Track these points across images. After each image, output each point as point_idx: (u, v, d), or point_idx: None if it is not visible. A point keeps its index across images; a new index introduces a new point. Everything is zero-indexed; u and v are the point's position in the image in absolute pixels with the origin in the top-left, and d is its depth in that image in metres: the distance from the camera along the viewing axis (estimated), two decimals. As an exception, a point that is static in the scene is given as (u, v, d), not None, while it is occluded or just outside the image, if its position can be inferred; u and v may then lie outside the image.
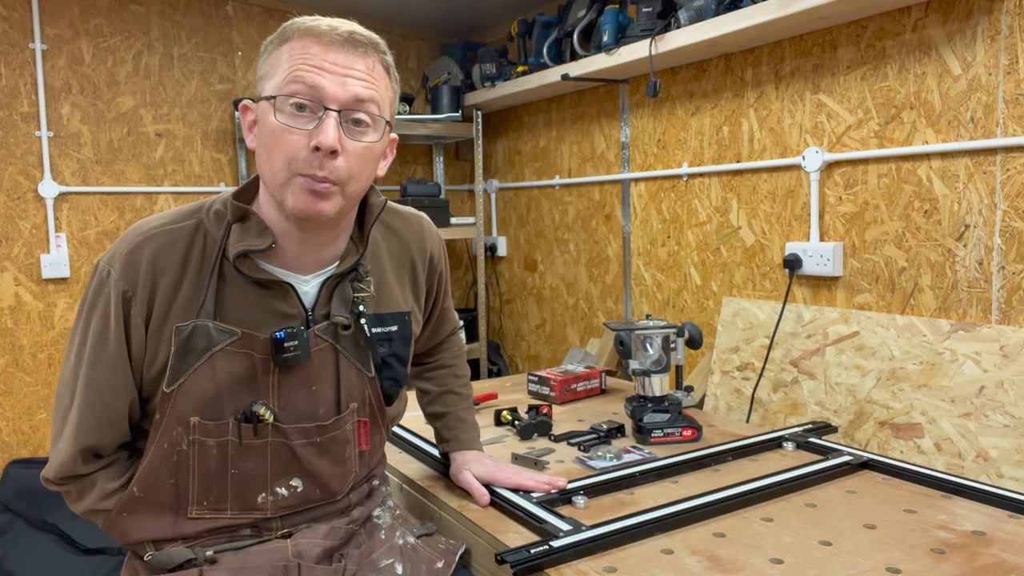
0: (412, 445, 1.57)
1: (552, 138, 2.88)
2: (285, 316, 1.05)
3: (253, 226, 1.02)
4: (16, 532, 2.34)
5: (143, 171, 2.69)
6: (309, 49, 0.96)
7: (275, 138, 0.96)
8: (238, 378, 1.03)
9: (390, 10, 2.95)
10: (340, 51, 0.97)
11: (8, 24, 2.45)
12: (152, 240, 1.02)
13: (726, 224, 2.15)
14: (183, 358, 1.00)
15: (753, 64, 2.05)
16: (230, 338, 1.02)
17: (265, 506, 1.07)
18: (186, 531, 1.04)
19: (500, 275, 3.28)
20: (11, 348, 2.50)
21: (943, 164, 1.64)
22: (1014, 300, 1.53)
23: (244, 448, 1.04)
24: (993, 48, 1.54)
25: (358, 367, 1.11)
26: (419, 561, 1.14)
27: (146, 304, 1.00)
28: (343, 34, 0.98)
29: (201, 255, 1.03)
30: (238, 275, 1.03)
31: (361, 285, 1.10)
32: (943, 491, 1.27)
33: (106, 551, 2.34)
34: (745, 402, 1.98)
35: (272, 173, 0.98)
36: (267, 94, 0.98)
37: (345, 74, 0.97)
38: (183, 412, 1.01)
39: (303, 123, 0.95)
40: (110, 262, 1.01)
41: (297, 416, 1.07)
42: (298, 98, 0.95)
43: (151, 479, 1.03)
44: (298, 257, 1.06)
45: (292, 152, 0.95)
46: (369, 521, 1.19)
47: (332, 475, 1.11)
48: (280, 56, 0.98)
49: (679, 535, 1.12)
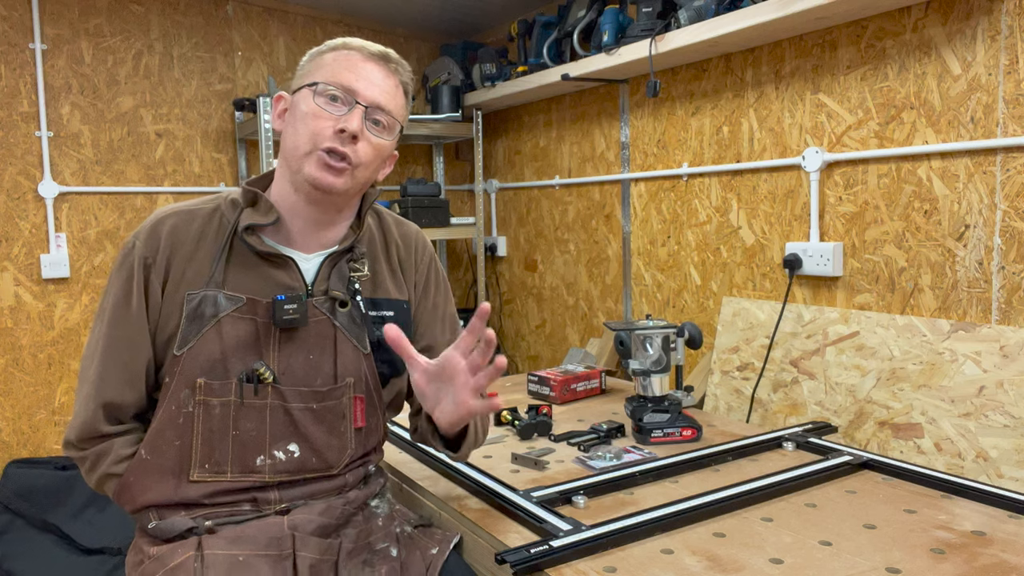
0: (412, 445, 1.57)
1: (552, 138, 2.88)
2: (287, 288, 1.16)
3: (261, 207, 1.16)
4: (16, 532, 2.34)
5: (143, 171, 2.69)
6: (351, 57, 1.15)
7: (306, 119, 1.12)
8: (242, 341, 1.13)
9: (390, 10, 2.95)
10: (375, 64, 1.16)
11: (8, 24, 2.45)
12: (173, 216, 1.16)
13: (726, 224, 2.15)
14: (192, 323, 1.11)
15: (753, 64, 2.05)
16: (236, 304, 1.13)
17: (263, 469, 1.14)
18: (188, 495, 1.11)
19: (500, 275, 3.28)
20: (11, 348, 2.50)
21: (943, 164, 1.64)
22: (1014, 300, 1.53)
23: (245, 408, 1.12)
24: (993, 48, 1.54)
25: (354, 343, 1.19)
26: (414, 547, 1.19)
27: (164, 271, 1.13)
28: (380, 51, 1.17)
29: (215, 233, 1.16)
30: (246, 252, 1.15)
31: (356, 265, 1.21)
32: (943, 491, 1.27)
33: (106, 551, 2.34)
34: (745, 402, 1.98)
35: (295, 146, 1.13)
36: (307, 81, 1.14)
37: (374, 84, 1.14)
38: (191, 374, 1.11)
39: (334, 110, 1.12)
40: (136, 235, 1.15)
41: (295, 381, 1.15)
42: (335, 90, 1.12)
43: (157, 441, 1.11)
44: (302, 234, 1.18)
45: (319, 129, 1.11)
46: (367, 508, 1.24)
47: (327, 445, 1.17)
48: (324, 60, 1.16)
49: (679, 535, 1.13)
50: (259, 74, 2.91)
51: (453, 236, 2.96)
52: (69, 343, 2.59)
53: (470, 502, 1.28)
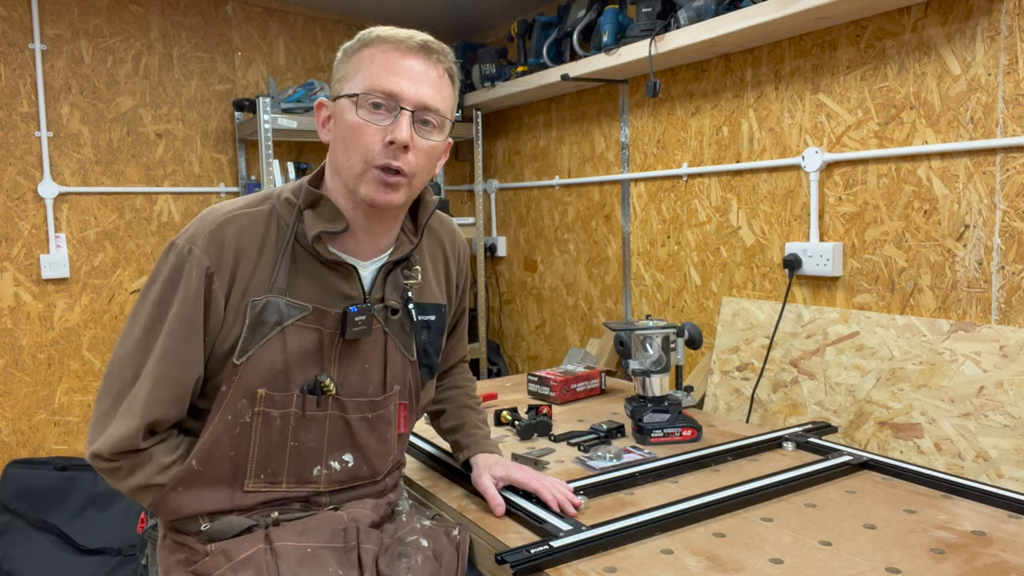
0: (412, 445, 1.57)
1: (552, 138, 2.88)
2: (347, 297, 1.13)
3: (327, 211, 1.10)
4: (16, 532, 2.34)
5: (143, 171, 2.69)
6: (389, 54, 1.07)
7: (353, 132, 1.06)
8: (306, 352, 1.10)
9: (390, 10, 2.95)
10: (416, 57, 1.07)
11: (8, 24, 2.45)
12: (234, 221, 1.08)
13: (726, 224, 2.15)
14: (254, 331, 1.06)
15: (753, 64, 2.05)
16: (301, 313, 1.09)
17: (319, 479, 1.14)
18: (242, 503, 1.10)
19: (500, 275, 3.28)
20: (11, 348, 2.50)
21: (943, 164, 1.64)
22: (1014, 300, 1.53)
23: (306, 420, 1.11)
24: (993, 48, 1.54)
25: (402, 351, 1.19)
26: (439, 535, 1.20)
27: (228, 280, 1.06)
28: (420, 42, 1.08)
29: (276, 236, 1.10)
30: (307, 256, 1.11)
31: (410, 273, 1.19)
32: (943, 491, 1.27)
33: (106, 551, 2.34)
34: (745, 402, 1.98)
35: (349, 165, 1.07)
36: (346, 92, 1.07)
37: (419, 80, 1.07)
38: (250, 384, 1.07)
39: (379, 119, 1.05)
40: (191, 240, 1.06)
41: (352, 391, 1.14)
42: (377, 98, 1.05)
43: (212, 452, 1.07)
44: (360, 243, 1.14)
45: (368, 146, 1.05)
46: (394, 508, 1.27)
47: (377, 453, 1.18)
48: (361, 60, 1.08)
49: (679, 535, 1.12)
50: (259, 74, 2.91)
51: (453, 236, 2.95)
52: (69, 343, 2.59)
53: (470, 502, 1.28)
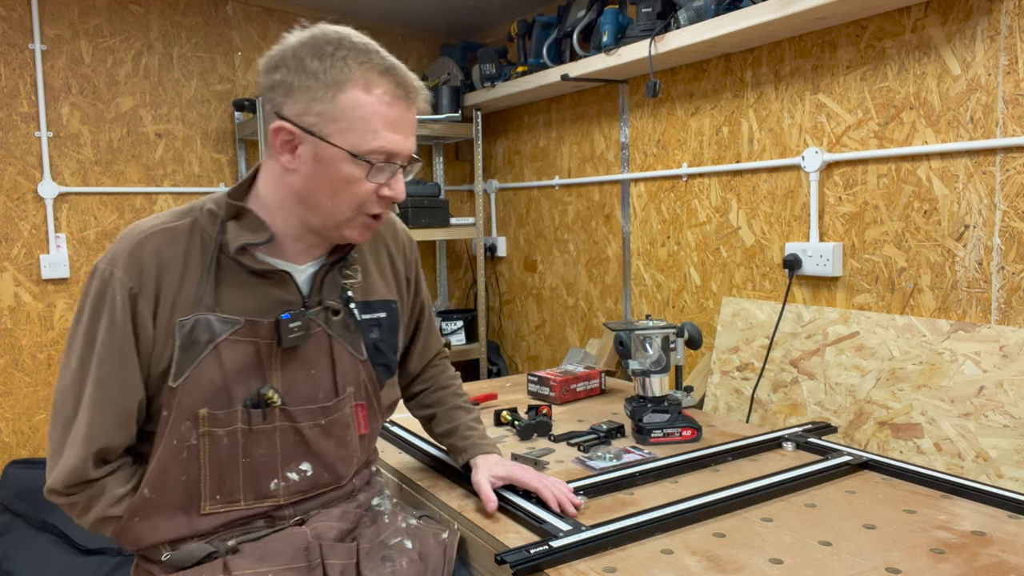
0: (412, 445, 1.57)
1: (552, 138, 2.88)
2: (285, 303, 1.10)
3: (249, 222, 1.07)
4: (16, 532, 2.34)
5: (143, 171, 2.69)
6: (395, 105, 1.02)
7: (348, 187, 1.03)
8: (244, 365, 1.06)
9: (390, 10, 2.95)
10: (408, 108, 1.04)
11: (8, 24, 2.45)
12: (153, 238, 1.04)
13: (726, 224, 2.15)
14: (187, 351, 1.03)
15: (753, 64, 2.05)
16: (233, 327, 1.05)
17: (277, 492, 1.10)
18: (201, 528, 1.06)
19: (500, 275, 3.28)
20: (11, 348, 2.50)
21: (943, 164, 1.64)
22: (1014, 300, 1.53)
23: (255, 434, 1.07)
24: (993, 48, 1.54)
25: (350, 351, 1.16)
26: (426, 536, 1.19)
27: (153, 300, 1.03)
28: (416, 87, 1.05)
29: (199, 251, 1.06)
30: (236, 268, 1.07)
31: (348, 272, 1.17)
32: (943, 491, 1.27)
33: (106, 551, 2.34)
34: (745, 402, 1.98)
35: (336, 211, 1.05)
36: (345, 147, 1.00)
37: (411, 132, 1.06)
38: (191, 405, 1.03)
39: (376, 176, 1.03)
40: (111, 263, 1.03)
41: (300, 399, 1.11)
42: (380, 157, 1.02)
43: (162, 478, 1.04)
44: (296, 251, 1.12)
45: (364, 199, 1.04)
46: (371, 509, 1.25)
47: (338, 458, 1.15)
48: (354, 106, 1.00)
49: (679, 535, 1.12)
50: (259, 74, 2.90)
51: (453, 236, 2.95)
52: (69, 343, 2.59)
53: (470, 502, 1.28)
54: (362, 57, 1.01)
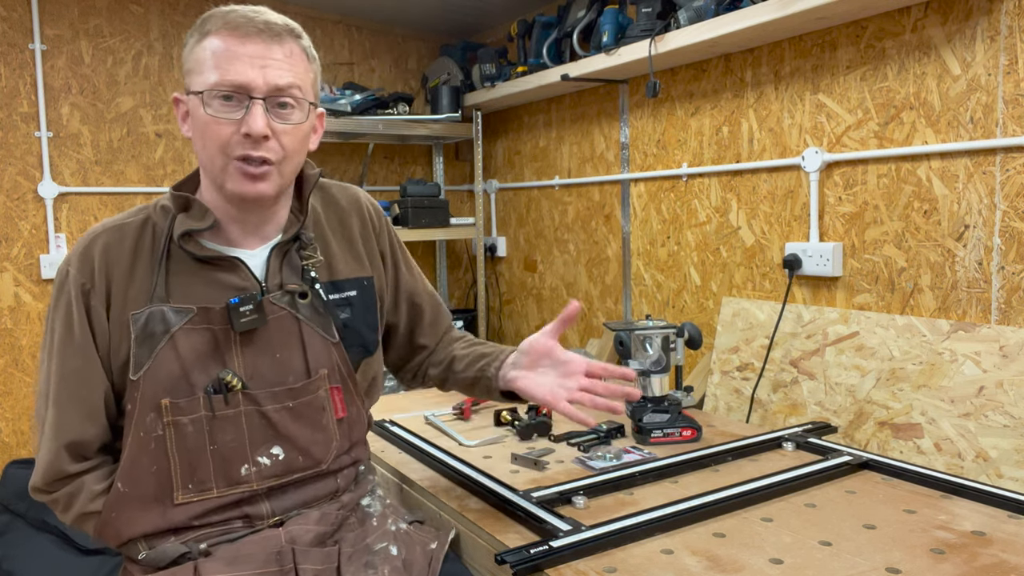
0: (412, 445, 1.57)
1: (552, 138, 2.88)
2: (239, 289, 1.10)
3: (195, 211, 1.09)
4: (16, 532, 2.34)
5: (143, 171, 2.69)
6: (229, 42, 1.02)
7: (207, 129, 1.03)
8: (202, 352, 1.07)
9: (390, 10, 2.95)
10: (257, 41, 1.03)
11: (8, 24, 2.45)
12: (103, 236, 1.09)
13: (726, 224, 2.15)
14: (143, 344, 1.05)
15: (753, 64, 2.05)
16: (187, 316, 1.06)
17: (250, 478, 1.09)
18: (176, 519, 1.06)
19: (500, 275, 3.28)
20: (11, 348, 2.50)
21: (943, 164, 1.64)
22: (1014, 300, 1.53)
23: (219, 420, 1.07)
24: (993, 48, 1.54)
25: (321, 334, 1.15)
26: (413, 544, 1.17)
27: (104, 294, 1.06)
28: (259, 24, 1.03)
29: (151, 245, 1.09)
30: (187, 258, 1.09)
31: (307, 252, 1.16)
32: (943, 491, 1.27)
33: (106, 551, 2.34)
34: (745, 402, 1.98)
35: (210, 160, 1.05)
36: (194, 89, 1.04)
37: (264, 64, 1.02)
38: (153, 396, 1.05)
39: (231, 112, 1.02)
40: (67, 262, 1.08)
41: (266, 383, 1.10)
42: (223, 90, 1.01)
43: (132, 471, 1.05)
44: (242, 234, 1.12)
45: (224, 139, 1.03)
46: (359, 509, 1.21)
47: (312, 441, 1.13)
48: (202, 51, 1.04)
49: (679, 535, 1.12)
50: (259, 74, 2.90)
51: (453, 236, 2.96)
52: (69, 343, 2.59)
53: (470, 502, 1.28)
54: (216, 13, 1.04)
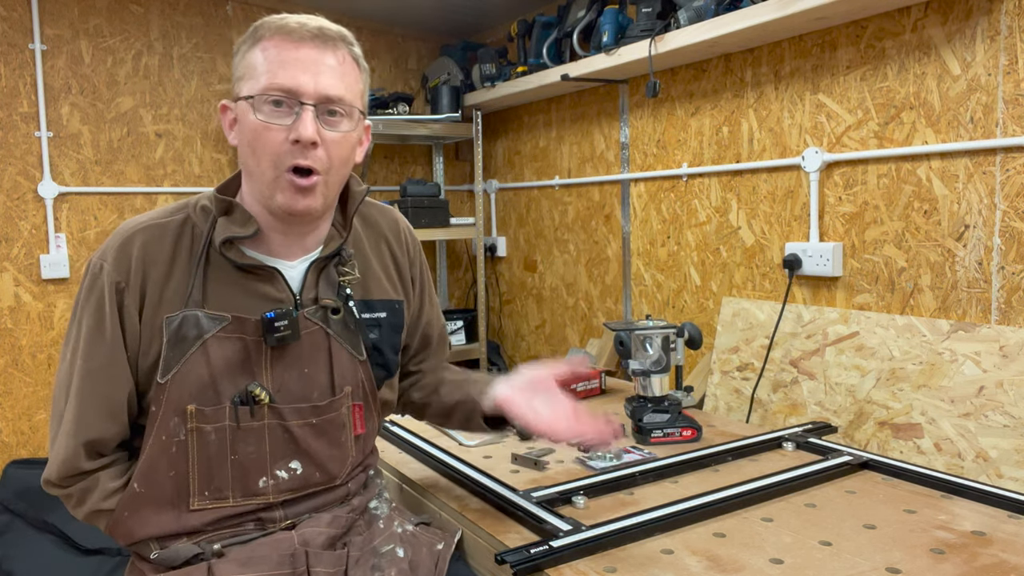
0: (412, 445, 1.57)
1: (552, 138, 2.88)
2: (274, 300, 1.08)
3: (238, 216, 1.07)
4: (16, 532, 2.34)
5: (143, 171, 2.69)
6: (282, 47, 1.01)
7: (256, 136, 1.01)
8: (232, 362, 1.06)
9: (390, 10, 2.95)
10: (311, 47, 1.01)
11: (8, 24, 2.45)
12: (141, 233, 1.06)
13: (726, 224, 2.15)
14: (175, 347, 1.03)
15: (753, 64, 2.05)
16: (221, 324, 1.05)
17: (267, 490, 1.08)
18: (190, 524, 1.06)
19: (500, 275, 3.28)
20: (11, 348, 2.50)
21: (943, 164, 1.64)
22: (1014, 300, 1.53)
23: (242, 431, 1.06)
24: (993, 48, 1.54)
25: (349, 351, 1.14)
26: (419, 545, 1.17)
27: (139, 294, 1.04)
28: (313, 30, 1.02)
29: (189, 247, 1.07)
30: (226, 264, 1.07)
31: (345, 269, 1.15)
32: (943, 491, 1.27)
33: (106, 551, 2.34)
34: (745, 402, 1.98)
35: (260, 171, 1.03)
36: (244, 94, 1.02)
37: (317, 70, 1.01)
38: (179, 401, 1.03)
39: (281, 118, 1.00)
40: (102, 257, 1.05)
41: (292, 397, 1.09)
42: (275, 95, 1.00)
43: (151, 473, 1.04)
44: (283, 244, 1.10)
45: (275, 147, 1.01)
46: (367, 512, 1.21)
47: (330, 457, 1.13)
48: (255, 56, 1.02)
49: (679, 535, 1.12)
50: (259, 74, 2.90)
51: (453, 236, 2.95)
52: (69, 343, 2.59)
53: (470, 502, 1.28)
54: (268, 21, 1.03)
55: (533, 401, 1.16)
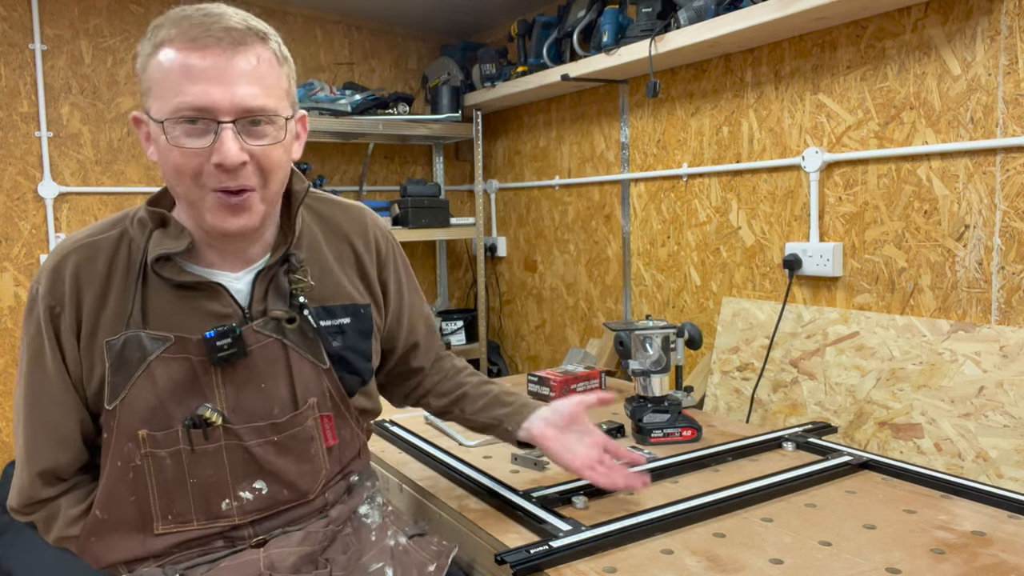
0: (412, 445, 1.57)
1: (552, 138, 2.88)
2: (221, 316, 1.02)
3: (172, 230, 1.01)
4: (16, 532, 2.33)
5: (143, 171, 2.69)
6: (186, 55, 0.89)
7: (173, 160, 0.92)
8: (179, 384, 1.00)
9: (390, 10, 2.95)
10: (217, 52, 0.90)
11: (8, 24, 2.45)
12: (75, 253, 1.00)
13: (726, 224, 2.15)
14: (118, 372, 0.98)
15: (753, 64, 2.05)
16: (164, 344, 0.99)
17: (231, 512, 1.04)
18: (155, 548, 1.02)
19: (500, 275, 3.28)
20: (11, 348, 2.50)
21: (943, 164, 1.64)
22: (1014, 300, 1.53)
23: (198, 455, 1.01)
24: (993, 48, 1.54)
25: (311, 360, 1.07)
26: (410, 564, 1.10)
27: (74, 318, 0.98)
28: (217, 32, 0.90)
29: (126, 264, 1.01)
30: (163, 280, 1.00)
31: (297, 276, 1.07)
32: (943, 491, 1.27)
33: (106, 551, 2.34)
34: (745, 402, 1.98)
35: (184, 191, 0.95)
36: (153, 116, 0.92)
37: (230, 79, 0.90)
38: (130, 427, 0.99)
39: (198, 139, 0.91)
40: (37, 279, 1.00)
41: (249, 416, 1.03)
42: (186, 114, 0.89)
43: (111, 500, 1.01)
44: (223, 257, 1.04)
45: (196, 170, 0.92)
46: (356, 519, 1.16)
47: (299, 474, 1.07)
48: (157, 67, 0.91)
49: (679, 535, 1.12)
50: (259, 74, 2.90)
51: (453, 236, 2.95)
52: (69, 343, 2.59)
53: (470, 502, 1.28)
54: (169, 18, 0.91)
55: (568, 439, 1.20)
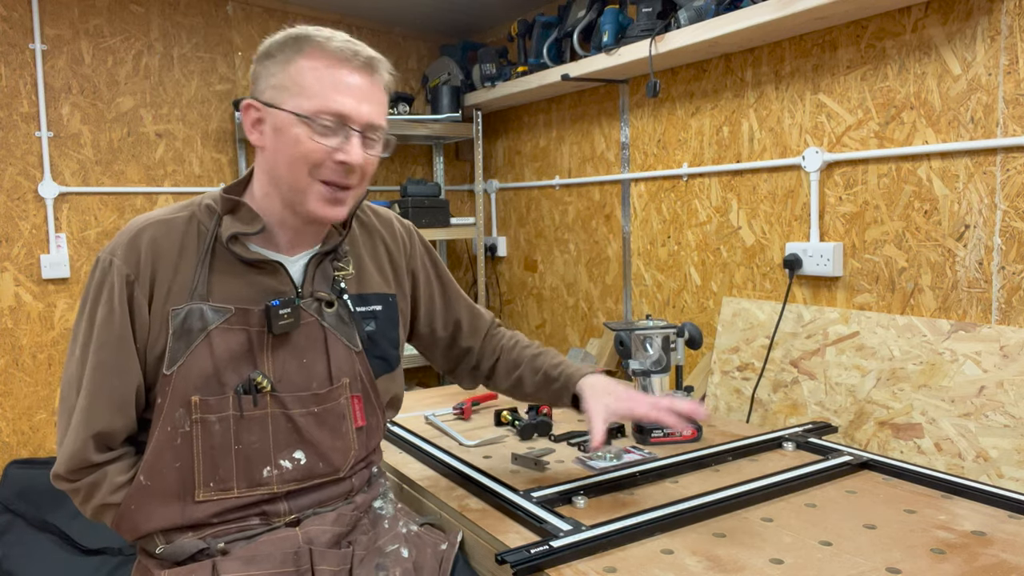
0: (412, 445, 1.57)
1: (552, 138, 2.88)
2: (277, 292, 1.13)
3: (244, 215, 1.12)
4: (16, 532, 2.34)
5: (143, 171, 2.69)
6: (335, 70, 1.06)
7: (301, 151, 1.05)
8: (235, 353, 1.09)
9: (390, 10, 2.95)
10: (362, 75, 1.08)
11: (8, 24, 2.45)
12: (150, 228, 1.10)
13: (726, 224, 2.15)
14: (180, 339, 1.06)
15: (753, 64, 2.05)
16: (225, 315, 1.09)
17: (271, 480, 1.10)
18: (195, 516, 1.07)
19: (500, 275, 3.28)
20: (11, 348, 2.50)
21: (943, 164, 1.64)
22: (1014, 300, 1.53)
23: (246, 420, 1.09)
24: (993, 48, 1.54)
25: (345, 342, 1.18)
26: (423, 545, 1.18)
27: (148, 287, 1.07)
28: (363, 59, 1.08)
29: (196, 242, 1.11)
30: (230, 258, 1.11)
31: (340, 264, 1.20)
32: (943, 491, 1.27)
33: (106, 551, 2.34)
34: (745, 402, 1.98)
35: (293, 177, 1.07)
36: (292, 109, 1.05)
37: (366, 98, 1.08)
38: (184, 392, 1.06)
39: (328, 138, 1.05)
40: (112, 252, 1.08)
41: (292, 386, 1.13)
42: (328, 119, 1.04)
43: (156, 465, 1.06)
44: (290, 241, 1.16)
45: (316, 161, 1.06)
46: (372, 511, 1.23)
47: (332, 448, 1.15)
48: (301, 72, 1.06)
49: (679, 535, 1.12)
50: (259, 74, 2.90)
51: (453, 236, 2.96)
52: (69, 343, 2.59)
53: (470, 502, 1.28)
54: (315, 37, 1.07)
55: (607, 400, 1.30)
